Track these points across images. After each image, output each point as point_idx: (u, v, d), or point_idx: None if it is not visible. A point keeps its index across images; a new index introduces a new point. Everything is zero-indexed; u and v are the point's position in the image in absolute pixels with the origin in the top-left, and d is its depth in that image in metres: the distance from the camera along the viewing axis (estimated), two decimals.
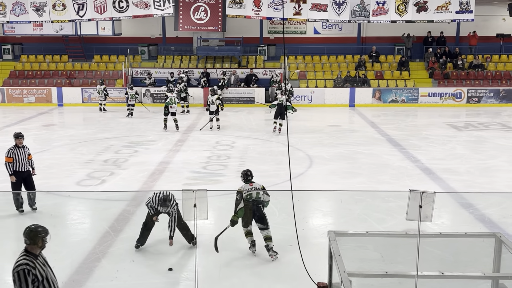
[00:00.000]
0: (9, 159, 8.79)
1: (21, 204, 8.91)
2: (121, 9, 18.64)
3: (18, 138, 8.99)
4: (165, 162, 12.59)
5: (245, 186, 7.34)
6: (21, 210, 8.87)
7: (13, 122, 18.22)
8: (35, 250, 4.56)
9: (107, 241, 7.78)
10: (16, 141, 8.94)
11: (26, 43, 25.37)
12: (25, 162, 8.94)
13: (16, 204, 8.87)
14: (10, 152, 8.83)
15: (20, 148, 8.91)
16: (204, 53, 24.43)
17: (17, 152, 8.84)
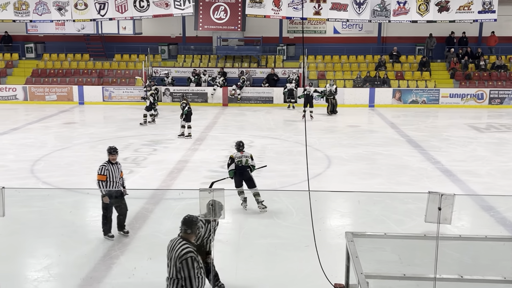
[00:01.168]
0: (102, 177, 7.73)
1: (109, 228, 7.82)
2: (141, 8, 18.79)
3: (112, 154, 7.93)
4: (184, 160, 12.65)
5: (237, 154, 9.04)
6: (111, 236, 7.76)
7: (35, 119, 18.48)
8: (192, 239, 4.96)
9: (126, 239, 7.84)
10: (109, 157, 7.90)
11: (49, 42, 25.70)
12: (118, 180, 7.93)
13: (104, 228, 7.79)
14: (103, 169, 7.77)
15: (114, 165, 7.89)
16: (224, 52, 24.48)
17: (110, 169, 7.80)
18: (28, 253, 7.52)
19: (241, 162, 8.98)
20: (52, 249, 7.71)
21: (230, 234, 7.46)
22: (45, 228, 8.52)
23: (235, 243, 7.51)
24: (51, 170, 11.82)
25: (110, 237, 7.73)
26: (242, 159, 9.01)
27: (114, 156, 7.90)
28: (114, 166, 7.86)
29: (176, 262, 4.78)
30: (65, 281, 6.66)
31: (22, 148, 13.90)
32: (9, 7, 18.92)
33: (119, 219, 7.84)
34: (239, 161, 8.99)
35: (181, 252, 4.78)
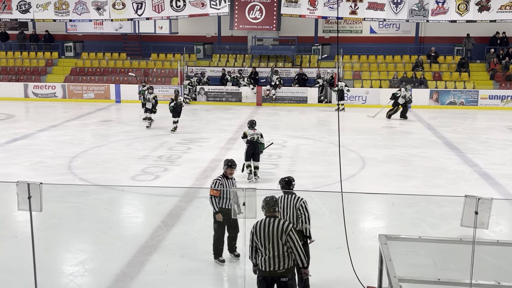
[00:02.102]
0: (215, 192, 6.90)
1: (221, 251, 6.98)
2: (178, 8, 18.98)
3: (231, 168, 7.09)
4: (217, 159, 12.71)
5: (249, 131, 10.64)
6: (222, 260, 6.94)
7: (73, 117, 18.89)
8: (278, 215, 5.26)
9: (159, 236, 7.93)
10: (227, 171, 7.07)
11: (87, 41, 26.25)
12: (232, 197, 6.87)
13: (216, 251, 6.97)
14: (217, 184, 6.97)
15: (229, 180, 7.07)
16: (258, 52, 24.51)
17: (225, 185, 7.00)
18: (65, 247, 7.68)
19: (253, 138, 10.59)
20: (87, 244, 7.86)
21: None
22: (81, 223, 8.70)
23: None
24: (87, 167, 12.06)
25: (221, 261, 6.92)
26: (254, 136, 10.62)
27: (232, 170, 7.07)
28: (229, 181, 7.04)
29: (281, 239, 4.94)
30: (99, 276, 6.78)
31: (60, 145, 14.24)
32: (50, 7, 19.40)
33: (230, 239, 7.03)
34: (251, 137, 10.58)
35: (284, 227, 4.98)
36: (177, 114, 15.93)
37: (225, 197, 6.91)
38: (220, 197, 6.90)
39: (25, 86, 23.30)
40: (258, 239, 5.02)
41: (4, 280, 6.46)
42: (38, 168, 11.92)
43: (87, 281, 6.67)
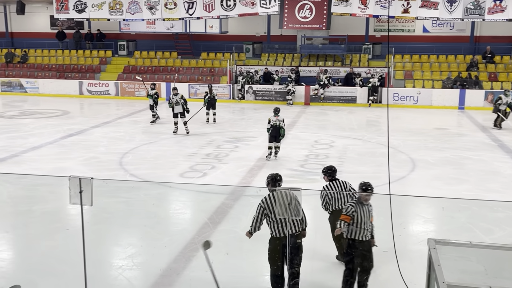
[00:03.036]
0: (346, 218, 5.96)
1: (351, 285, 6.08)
2: (228, 7, 19.10)
3: (368, 189, 6.03)
4: (264, 158, 12.73)
5: (273, 117, 12.23)
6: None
7: (125, 114, 19.36)
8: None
9: (206, 232, 8.02)
10: (361, 197, 6.05)
11: (140, 40, 26.84)
12: (367, 227, 5.97)
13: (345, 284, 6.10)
14: (350, 209, 5.99)
15: (364, 207, 6.00)
16: (308, 51, 24.38)
17: (359, 212, 5.95)
18: (114, 241, 7.88)
19: (275, 123, 12.20)
20: (136, 239, 8.03)
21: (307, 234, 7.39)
22: (130, 218, 8.90)
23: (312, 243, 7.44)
24: (138, 163, 12.33)
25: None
26: (277, 122, 12.23)
27: (368, 196, 6.02)
28: (364, 208, 5.99)
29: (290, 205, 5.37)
30: (147, 271, 6.92)
31: (112, 141, 14.62)
32: (105, 6, 19.92)
33: (361, 276, 6.08)
34: (274, 123, 12.21)
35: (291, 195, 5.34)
36: (211, 106, 17.33)
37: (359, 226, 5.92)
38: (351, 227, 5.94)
39: (80, 84, 24.07)
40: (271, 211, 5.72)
41: (56, 271, 6.69)
42: (91, 163, 12.28)
43: (135, 275, 6.82)
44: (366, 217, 5.96)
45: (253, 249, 7.04)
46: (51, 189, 10.07)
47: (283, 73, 23.25)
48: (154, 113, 17.42)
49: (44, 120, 18.01)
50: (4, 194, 10.05)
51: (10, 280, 6.50)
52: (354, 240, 5.98)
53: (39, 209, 9.16)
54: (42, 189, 10.26)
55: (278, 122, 12.26)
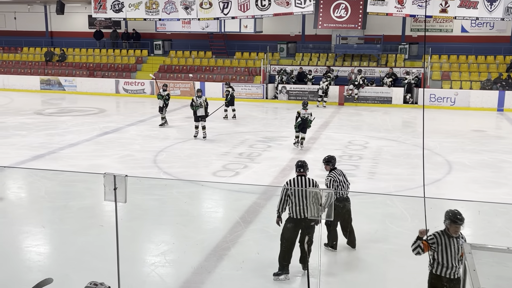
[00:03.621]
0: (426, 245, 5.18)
1: None
2: (263, 7, 19.12)
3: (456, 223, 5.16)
4: (296, 158, 12.59)
5: (302, 110, 13.46)
6: None
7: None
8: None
9: (237, 231, 8.04)
10: (450, 227, 5.18)
11: (175, 39, 27.11)
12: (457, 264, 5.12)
13: None
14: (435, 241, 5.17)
15: (452, 240, 5.16)
16: (342, 51, 24.17)
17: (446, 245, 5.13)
18: (147, 238, 7.98)
19: (304, 116, 13.34)
20: (168, 236, 8.12)
21: (340, 234, 7.35)
22: (163, 215, 9.00)
23: (343, 245, 7.39)
24: (172, 161, 12.46)
25: None
26: (306, 115, 13.40)
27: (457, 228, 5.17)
28: (452, 240, 5.15)
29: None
30: (179, 268, 6.98)
31: (147, 139, 14.81)
32: (141, 6, 20.22)
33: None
34: (303, 115, 13.36)
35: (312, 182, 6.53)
36: (230, 103, 17.88)
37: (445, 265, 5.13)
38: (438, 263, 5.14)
39: (116, 82, 24.49)
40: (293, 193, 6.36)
41: (90, 267, 6.82)
42: (126, 161, 12.48)
43: (168, 272, 6.89)
44: (453, 252, 5.12)
45: None
46: (87, 185, 10.27)
47: (316, 73, 23.13)
48: (164, 116, 16.71)
49: (81, 118, 18.40)
50: (42, 190, 10.31)
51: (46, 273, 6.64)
52: (441, 276, 5.14)
53: (75, 205, 9.36)
54: (78, 185, 10.49)
55: (307, 115, 13.39)
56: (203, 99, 14.74)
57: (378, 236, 7.99)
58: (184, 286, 6.38)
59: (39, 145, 13.82)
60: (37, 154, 12.82)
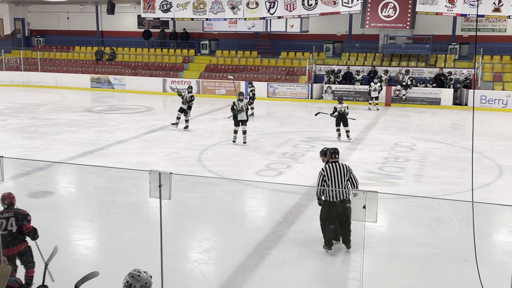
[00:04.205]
0: None
1: None
2: (309, 6, 19.02)
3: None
4: (341, 159, 12.49)
5: (338, 105, 14.42)
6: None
7: (205, 111, 19.81)
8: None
9: (279, 231, 8.04)
10: None
11: (222, 39, 27.35)
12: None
13: None
14: None
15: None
16: (390, 50, 23.77)
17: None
18: (191, 235, 8.08)
19: (341, 110, 14.25)
20: (211, 234, 8.19)
21: (383, 238, 7.23)
22: (207, 213, 9.10)
23: (388, 248, 7.27)
24: (216, 160, 12.57)
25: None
26: (342, 108, 14.27)
27: None
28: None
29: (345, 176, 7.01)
30: (221, 266, 7.04)
31: (193, 138, 15.01)
32: (189, 6, 20.49)
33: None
34: (340, 110, 14.25)
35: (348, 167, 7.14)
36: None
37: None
38: None
39: (164, 81, 24.92)
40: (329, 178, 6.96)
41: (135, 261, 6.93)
42: (171, 159, 12.68)
43: (210, 269, 6.96)
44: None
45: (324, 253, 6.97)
46: (134, 182, 10.49)
47: (363, 73, 22.84)
48: (187, 119, 16.03)
49: (129, 115, 18.82)
50: (90, 185, 10.61)
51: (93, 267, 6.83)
52: None
53: (122, 201, 9.58)
54: (125, 181, 10.72)
55: (343, 109, 14.24)
56: (245, 103, 14.19)
57: (423, 240, 7.82)
58: (226, 284, 6.43)
59: (89, 141, 14.22)
60: (86, 150, 13.20)
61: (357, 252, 6.91)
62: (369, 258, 7.01)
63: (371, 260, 6.96)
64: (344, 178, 6.96)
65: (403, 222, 7.43)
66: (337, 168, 6.98)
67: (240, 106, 13.95)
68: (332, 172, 6.97)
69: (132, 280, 3.81)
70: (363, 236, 6.09)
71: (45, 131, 15.58)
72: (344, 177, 6.96)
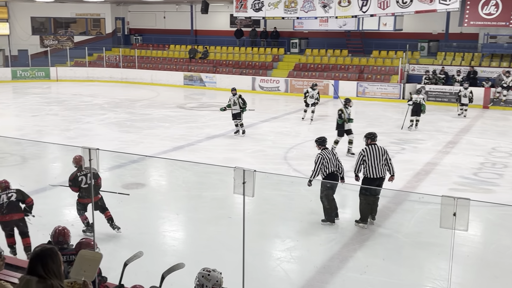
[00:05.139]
0: None
1: None
2: (404, 4, 18.44)
3: None
4: (433, 163, 12.07)
5: (414, 95, 15.53)
6: None
7: (293, 110, 19.81)
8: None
9: (364, 234, 7.87)
10: None
11: (312, 37, 27.22)
12: None
13: None
14: None
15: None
16: (490, 50, 22.47)
17: None
18: (274, 233, 8.12)
19: (417, 100, 15.37)
20: (293, 233, 8.18)
21: (475, 247, 6.85)
22: (290, 212, 9.09)
23: (479, 258, 6.88)
24: (301, 159, 12.52)
25: None
26: (418, 99, 15.45)
27: None
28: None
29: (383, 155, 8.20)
30: (303, 265, 7.01)
31: (279, 136, 15.06)
32: (280, 5, 20.59)
33: None
34: (416, 99, 15.47)
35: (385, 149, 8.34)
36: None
37: None
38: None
39: (253, 80, 25.22)
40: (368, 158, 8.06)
41: (219, 255, 7.10)
42: (258, 156, 12.81)
43: (292, 268, 6.95)
44: None
45: (412, 256, 6.73)
46: (221, 177, 10.70)
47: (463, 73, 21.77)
48: (241, 122, 14.99)
49: (219, 112, 19.22)
50: (179, 179, 10.97)
51: (180, 258, 7.06)
52: None
53: (209, 195, 9.82)
54: (212, 176, 10.97)
55: (419, 99, 15.26)
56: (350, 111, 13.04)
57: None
58: (308, 284, 6.39)
59: (180, 137, 14.71)
60: (177, 145, 13.67)
61: (445, 261, 6.58)
62: (458, 267, 6.67)
63: (460, 269, 6.63)
64: (382, 158, 8.16)
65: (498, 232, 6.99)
66: (375, 150, 8.22)
67: (348, 113, 12.87)
68: (371, 153, 8.18)
69: (203, 280, 3.93)
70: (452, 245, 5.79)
71: (140, 126, 16.32)
72: (381, 157, 8.17)
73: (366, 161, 8.14)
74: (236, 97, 14.87)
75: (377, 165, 8.10)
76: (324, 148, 8.54)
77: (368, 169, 8.11)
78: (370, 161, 8.12)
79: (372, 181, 8.06)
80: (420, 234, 7.02)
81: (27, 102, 21.22)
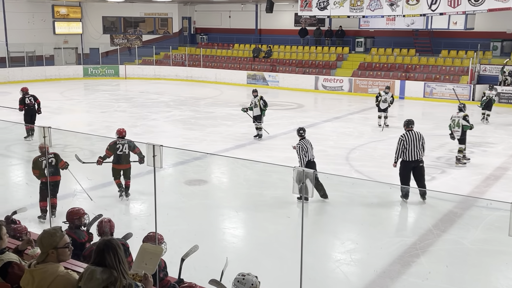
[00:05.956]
0: None
1: None
2: (476, 2, 17.71)
3: None
4: (503, 168, 11.54)
5: (487, 91, 16.37)
6: None
7: (356, 110, 19.50)
8: None
9: (428, 239, 7.63)
10: None
11: (378, 36, 26.69)
12: None
13: None
14: None
15: None
16: None
17: None
18: (333, 234, 8.01)
19: (490, 95, 16.14)
20: (354, 235, 8.04)
21: None
22: (350, 213, 8.95)
23: None
24: (364, 160, 12.32)
25: None
26: (491, 94, 16.23)
27: None
28: None
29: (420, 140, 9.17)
30: (363, 269, 6.88)
31: (341, 136, 14.87)
32: (346, 3, 20.32)
33: None
34: (489, 95, 16.24)
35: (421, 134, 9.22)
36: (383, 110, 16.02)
37: None
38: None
39: (316, 79, 25.04)
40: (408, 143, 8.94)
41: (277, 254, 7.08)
42: (319, 156, 12.60)
43: (352, 271, 6.83)
44: None
45: (478, 264, 6.46)
46: (281, 176, 10.67)
47: None
48: (260, 126, 14.40)
49: (281, 111, 19.23)
50: (240, 177, 11.06)
51: (239, 255, 7.12)
52: None
53: (269, 194, 9.83)
54: (273, 175, 10.97)
55: (492, 95, 16.19)
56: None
57: None
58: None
59: (242, 135, 14.82)
60: (239, 144, 13.78)
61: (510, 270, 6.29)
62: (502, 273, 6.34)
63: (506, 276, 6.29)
64: (419, 143, 9.11)
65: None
66: (413, 135, 9.15)
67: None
68: (409, 138, 9.10)
69: (238, 285, 3.92)
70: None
71: (203, 123, 16.59)
72: (419, 141, 9.11)
73: (405, 145, 9.08)
74: (257, 99, 14.33)
75: (415, 149, 9.09)
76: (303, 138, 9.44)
77: (407, 152, 9.10)
78: (409, 145, 9.07)
79: (408, 164, 9.11)
80: (487, 241, 6.71)
81: (97, 99, 22.08)
